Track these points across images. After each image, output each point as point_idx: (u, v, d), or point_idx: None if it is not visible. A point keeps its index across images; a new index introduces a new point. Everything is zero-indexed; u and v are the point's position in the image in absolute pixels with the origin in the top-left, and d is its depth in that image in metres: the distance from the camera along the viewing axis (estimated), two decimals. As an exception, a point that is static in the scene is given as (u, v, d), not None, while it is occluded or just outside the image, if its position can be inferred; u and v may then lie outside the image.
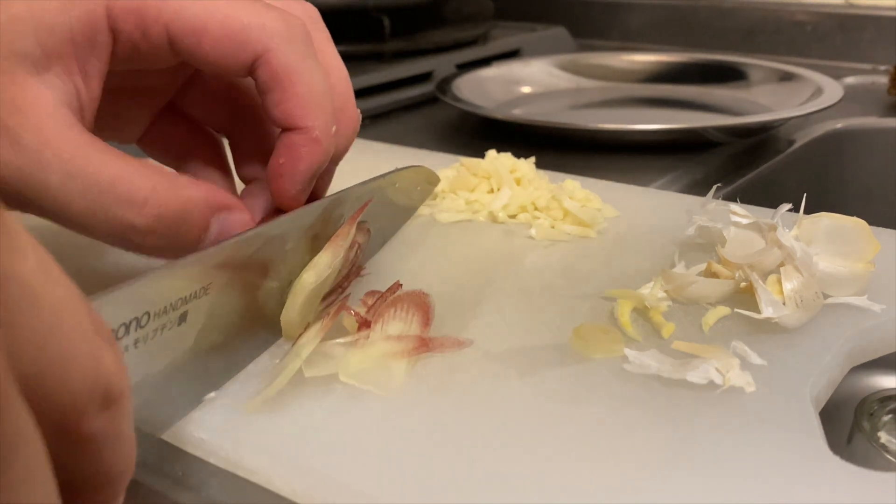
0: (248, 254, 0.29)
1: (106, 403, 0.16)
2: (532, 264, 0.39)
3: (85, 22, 0.28)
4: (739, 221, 0.37)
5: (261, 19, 0.30)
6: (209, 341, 0.28)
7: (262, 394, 0.28)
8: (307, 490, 0.25)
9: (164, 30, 0.29)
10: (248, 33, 0.29)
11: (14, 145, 0.27)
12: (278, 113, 0.31)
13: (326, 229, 0.33)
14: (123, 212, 0.27)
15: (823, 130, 0.68)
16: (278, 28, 0.30)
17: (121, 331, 0.24)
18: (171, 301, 0.26)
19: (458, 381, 0.29)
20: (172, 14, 0.29)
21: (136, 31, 0.29)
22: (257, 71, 0.30)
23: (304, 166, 0.31)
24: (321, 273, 0.31)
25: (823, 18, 0.92)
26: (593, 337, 0.31)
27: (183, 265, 0.26)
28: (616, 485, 0.24)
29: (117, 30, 0.29)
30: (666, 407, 0.27)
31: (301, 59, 0.30)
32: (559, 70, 0.82)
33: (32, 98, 0.27)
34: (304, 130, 0.31)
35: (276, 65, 0.30)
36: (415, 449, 0.26)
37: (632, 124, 0.60)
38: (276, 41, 0.30)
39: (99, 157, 0.27)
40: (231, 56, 0.30)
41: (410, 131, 0.70)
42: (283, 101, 0.30)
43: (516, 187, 0.45)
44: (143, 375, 0.25)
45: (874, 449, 0.35)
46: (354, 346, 0.30)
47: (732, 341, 0.30)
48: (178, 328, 0.27)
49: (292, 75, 0.30)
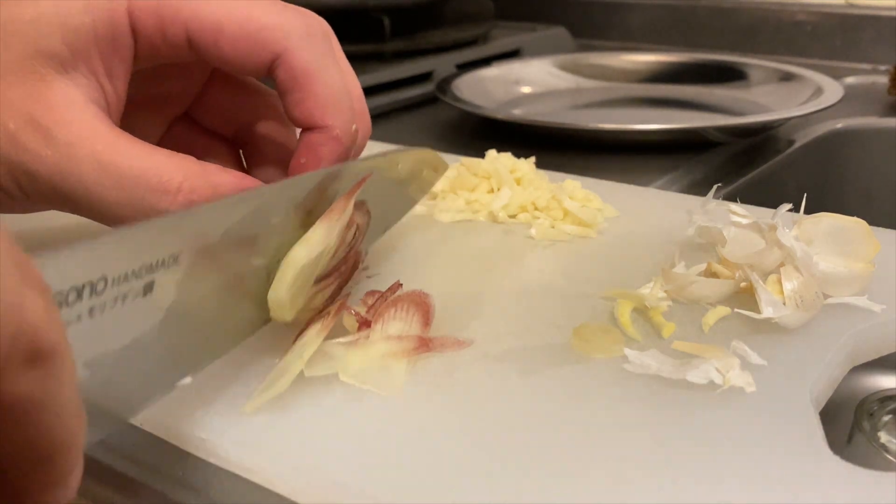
0: (226, 224, 0.27)
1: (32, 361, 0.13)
2: (532, 264, 0.39)
3: (107, 22, 0.29)
4: (739, 221, 0.37)
5: (279, 19, 0.30)
6: (181, 319, 0.26)
7: (263, 394, 0.28)
8: (307, 490, 0.25)
9: (183, 30, 0.29)
10: (267, 33, 0.29)
11: (48, 142, 0.27)
12: (298, 113, 0.31)
13: (321, 205, 0.31)
14: (157, 200, 0.28)
15: (823, 130, 0.68)
16: (297, 28, 0.30)
17: (71, 295, 0.21)
18: (133, 267, 0.23)
19: (458, 381, 0.29)
20: (191, 14, 0.29)
21: (155, 31, 0.29)
22: (276, 71, 0.30)
23: (326, 165, 0.31)
24: (313, 249, 0.29)
25: (823, 18, 0.92)
26: (593, 337, 0.31)
27: (146, 228, 0.24)
28: (616, 485, 0.24)
29: (137, 30, 0.29)
30: (666, 407, 0.27)
31: (320, 59, 0.30)
32: (559, 70, 0.82)
33: (62, 96, 0.28)
34: (324, 129, 0.31)
35: (295, 65, 0.30)
36: (415, 449, 0.26)
37: (632, 124, 0.60)
38: (294, 41, 0.30)
39: (130, 148, 0.28)
40: (250, 56, 0.30)
41: (410, 131, 0.70)
42: (302, 100, 0.30)
43: (516, 187, 0.45)
44: (102, 350, 0.23)
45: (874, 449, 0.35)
46: (354, 345, 0.30)
47: (732, 341, 0.30)
48: (144, 300, 0.24)
49: (311, 75, 0.30)
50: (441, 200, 0.45)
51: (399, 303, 0.32)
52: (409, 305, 0.32)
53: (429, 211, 0.45)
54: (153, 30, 0.29)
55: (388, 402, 0.28)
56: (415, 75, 0.78)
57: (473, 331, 0.33)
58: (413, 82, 0.78)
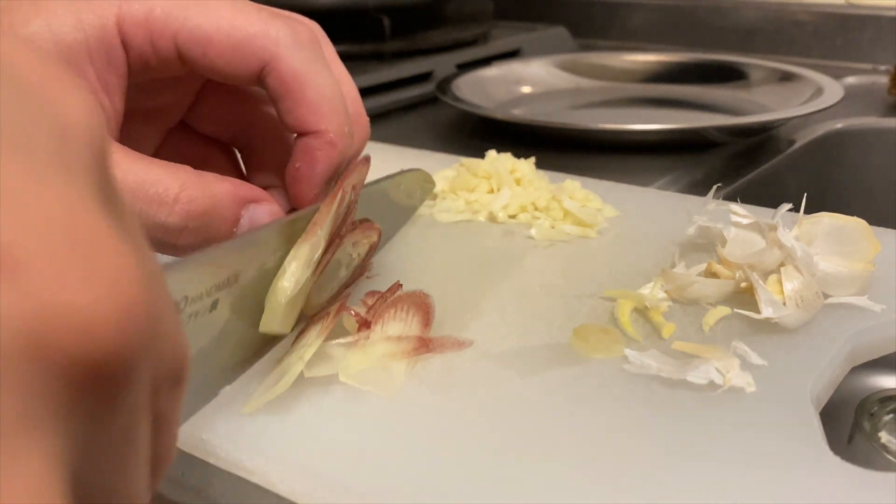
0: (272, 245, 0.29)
1: (176, 382, 0.14)
2: (532, 264, 0.39)
3: (99, 38, 0.29)
4: (740, 221, 0.37)
5: (266, 27, 0.30)
6: (233, 332, 0.28)
7: (263, 395, 0.28)
8: (307, 490, 0.25)
9: (171, 42, 0.29)
10: (254, 42, 0.30)
11: None
12: (291, 119, 0.31)
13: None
14: (155, 212, 0.28)
15: (824, 130, 0.68)
16: (284, 35, 0.30)
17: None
18: (206, 287, 0.25)
19: (457, 381, 0.29)
20: (179, 26, 0.29)
21: (145, 44, 0.29)
22: (266, 79, 0.30)
23: (321, 169, 0.31)
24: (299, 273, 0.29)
25: (824, 18, 0.92)
26: (593, 337, 0.31)
27: (217, 251, 0.26)
28: (616, 485, 0.24)
29: (128, 44, 0.29)
30: (666, 407, 0.27)
31: (309, 65, 0.30)
32: (559, 70, 0.82)
33: None
34: (318, 134, 0.31)
35: (284, 72, 0.30)
36: (414, 449, 0.26)
37: (632, 124, 0.60)
38: (282, 48, 0.30)
39: (127, 160, 0.28)
40: (238, 65, 0.30)
41: (410, 131, 0.70)
42: (294, 107, 0.31)
43: (516, 187, 0.45)
44: None
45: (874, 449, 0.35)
46: (354, 346, 0.30)
47: (733, 341, 0.30)
48: (209, 315, 0.26)
49: (301, 81, 0.30)
50: (441, 201, 0.45)
51: (399, 303, 0.32)
52: (409, 306, 0.32)
53: (429, 211, 0.45)
54: (143, 43, 0.29)
55: (387, 402, 0.28)
56: (415, 75, 0.78)
57: (473, 331, 0.33)
58: (413, 82, 0.78)
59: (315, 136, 0.31)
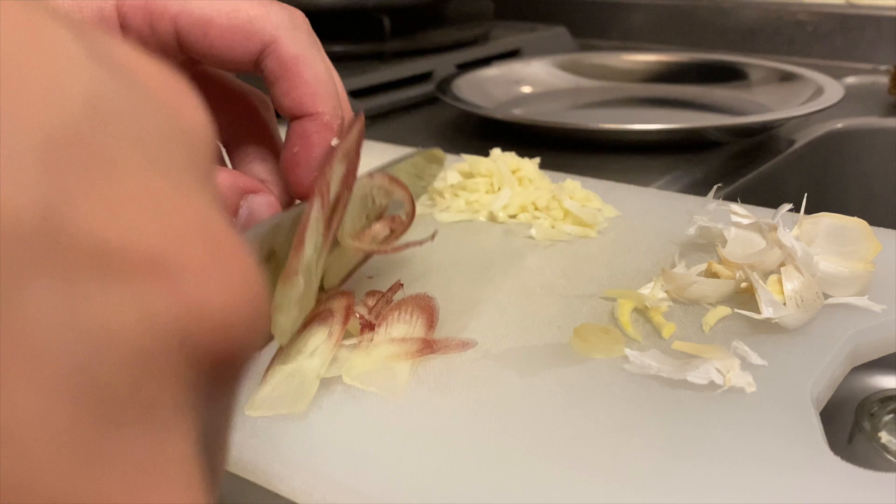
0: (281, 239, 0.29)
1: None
2: (532, 264, 0.39)
3: (98, 20, 0.29)
4: (740, 221, 0.37)
5: (266, 11, 0.30)
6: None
7: (263, 394, 0.28)
8: (307, 490, 0.25)
9: (171, 25, 0.30)
10: (255, 24, 0.30)
11: None
12: (288, 101, 0.31)
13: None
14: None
15: (824, 130, 0.68)
16: (283, 19, 0.31)
17: None
18: None
19: (458, 381, 0.29)
20: (179, 9, 0.30)
21: (144, 27, 0.30)
22: (265, 61, 0.31)
23: (319, 152, 0.31)
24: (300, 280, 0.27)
25: (824, 18, 0.92)
26: (593, 337, 0.31)
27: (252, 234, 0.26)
28: (616, 484, 0.24)
29: (127, 27, 0.30)
30: (666, 407, 0.27)
31: (306, 48, 0.31)
32: (559, 70, 0.82)
33: None
34: (314, 116, 0.31)
35: (284, 53, 0.30)
36: (415, 449, 0.26)
37: (632, 124, 0.60)
38: (281, 31, 0.30)
39: None
40: (238, 47, 0.30)
41: (410, 131, 0.70)
42: (292, 88, 0.31)
43: (517, 187, 0.45)
44: None
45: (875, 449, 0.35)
46: (358, 348, 0.30)
47: (733, 341, 0.30)
48: None
49: (299, 63, 0.31)
50: (441, 200, 0.45)
51: (403, 306, 0.32)
52: (414, 309, 0.32)
53: (429, 211, 0.45)
54: (142, 26, 0.30)
55: (388, 402, 0.28)
56: (415, 75, 0.78)
57: (474, 331, 0.33)
58: (413, 82, 0.78)
59: (311, 119, 0.31)
